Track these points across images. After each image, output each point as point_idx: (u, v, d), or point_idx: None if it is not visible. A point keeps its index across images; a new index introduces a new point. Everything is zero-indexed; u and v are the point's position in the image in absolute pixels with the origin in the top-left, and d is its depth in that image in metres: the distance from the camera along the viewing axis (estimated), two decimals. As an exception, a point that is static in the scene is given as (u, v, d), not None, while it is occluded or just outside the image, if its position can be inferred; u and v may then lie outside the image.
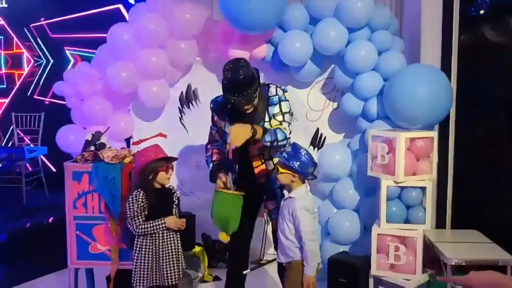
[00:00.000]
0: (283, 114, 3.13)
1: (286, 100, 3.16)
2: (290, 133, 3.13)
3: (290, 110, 3.18)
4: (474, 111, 3.88)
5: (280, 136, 3.03)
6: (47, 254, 4.21)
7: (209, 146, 3.34)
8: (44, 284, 4.08)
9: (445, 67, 3.81)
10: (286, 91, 3.20)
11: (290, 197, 2.82)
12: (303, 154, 2.80)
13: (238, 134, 2.93)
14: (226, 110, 3.16)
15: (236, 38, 3.99)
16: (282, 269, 3.19)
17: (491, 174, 3.79)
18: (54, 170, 5.94)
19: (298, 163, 2.77)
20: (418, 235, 3.30)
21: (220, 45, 4.10)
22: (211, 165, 3.24)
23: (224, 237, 3.10)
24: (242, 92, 2.96)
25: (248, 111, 3.07)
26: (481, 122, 3.90)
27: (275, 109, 3.13)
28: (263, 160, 3.16)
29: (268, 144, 3.01)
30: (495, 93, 3.87)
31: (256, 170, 3.15)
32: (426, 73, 3.59)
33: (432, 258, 3.28)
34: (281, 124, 3.09)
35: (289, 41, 3.88)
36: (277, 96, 3.14)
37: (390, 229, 3.36)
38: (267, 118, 3.14)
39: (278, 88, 3.17)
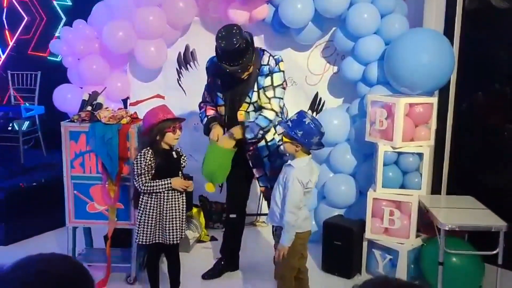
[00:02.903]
0: (274, 88, 3.06)
1: (280, 71, 3.08)
2: (282, 107, 3.14)
3: (284, 81, 3.11)
4: (475, 77, 3.84)
5: (263, 123, 3.04)
6: (45, 212, 4.24)
7: (202, 104, 3.34)
8: (43, 242, 4.13)
9: (448, 32, 3.74)
10: (281, 61, 3.11)
11: (289, 164, 2.75)
12: (307, 123, 2.62)
13: (225, 144, 3.07)
14: (219, 73, 3.12)
15: (236, -3, 3.90)
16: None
17: (488, 141, 3.79)
18: (50, 130, 5.91)
19: (301, 132, 2.61)
20: (413, 200, 3.33)
21: (219, 5, 4.00)
22: (205, 119, 3.24)
23: (210, 188, 3.13)
24: (238, 61, 2.91)
25: (244, 77, 3.04)
26: (482, 89, 3.87)
27: (265, 81, 3.07)
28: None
29: (254, 140, 3.09)
30: (498, 59, 3.82)
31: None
32: (428, 38, 3.53)
33: (426, 223, 3.32)
34: (269, 102, 3.06)
35: (290, 2, 3.79)
36: (267, 67, 3.06)
37: (386, 194, 3.39)
38: (255, 88, 3.09)
39: (271, 57, 3.08)
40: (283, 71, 3.12)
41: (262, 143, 3.21)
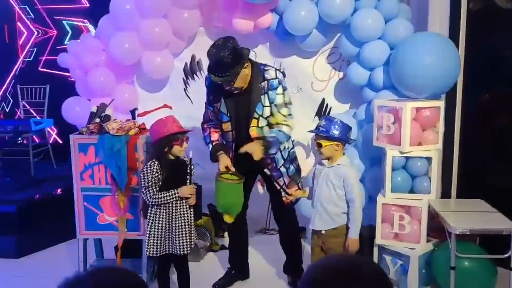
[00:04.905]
0: (287, 106, 3.16)
1: (286, 87, 3.18)
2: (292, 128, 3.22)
3: (290, 98, 3.23)
4: (482, 80, 3.83)
5: (283, 139, 3.15)
6: (56, 224, 4.27)
7: (205, 126, 3.32)
8: (55, 254, 4.16)
9: (453, 35, 3.74)
10: (285, 75, 3.21)
11: (338, 164, 2.89)
12: (338, 122, 2.87)
13: (256, 150, 3.03)
14: (220, 90, 3.13)
15: (240, 7, 3.92)
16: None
17: (497, 143, 3.77)
18: (60, 142, 5.96)
19: (338, 131, 2.84)
20: (423, 204, 3.31)
21: (224, 14, 4.03)
22: (210, 145, 3.25)
23: (228, 219, 3.18)
24: (224, 72, 2.94)
25: (235, 91, 3.07)
26: (489, 91, 3.85)
27: (278, 98, 3.12)
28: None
29: (275, 155, 3.18)
30: (504, 61, 3.81)
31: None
32: (434, 41, 3.53)
33: (436, 227, 3.30)
34: (286, 119, 3.14)
35: (294, 9, 3.81)
36: (277, 80, 3.11)
37: (395, 199, 3.37)
38: (267, 103, 3.12)
39: (277, 71, 3.13)
40: (287, 88, 3.23)
41: (278, 153, 3.26)
